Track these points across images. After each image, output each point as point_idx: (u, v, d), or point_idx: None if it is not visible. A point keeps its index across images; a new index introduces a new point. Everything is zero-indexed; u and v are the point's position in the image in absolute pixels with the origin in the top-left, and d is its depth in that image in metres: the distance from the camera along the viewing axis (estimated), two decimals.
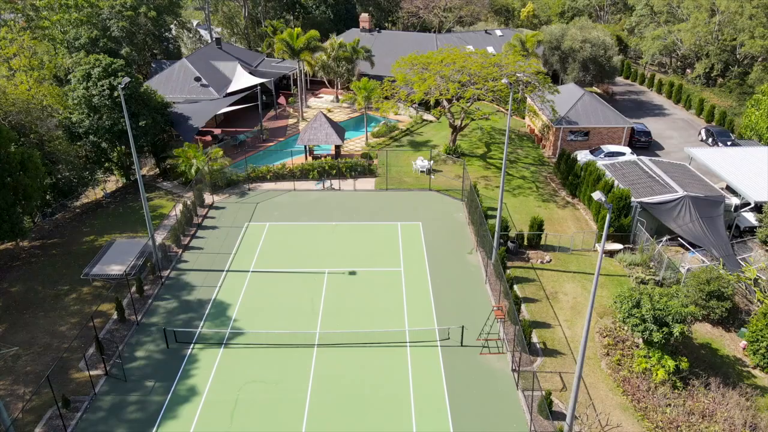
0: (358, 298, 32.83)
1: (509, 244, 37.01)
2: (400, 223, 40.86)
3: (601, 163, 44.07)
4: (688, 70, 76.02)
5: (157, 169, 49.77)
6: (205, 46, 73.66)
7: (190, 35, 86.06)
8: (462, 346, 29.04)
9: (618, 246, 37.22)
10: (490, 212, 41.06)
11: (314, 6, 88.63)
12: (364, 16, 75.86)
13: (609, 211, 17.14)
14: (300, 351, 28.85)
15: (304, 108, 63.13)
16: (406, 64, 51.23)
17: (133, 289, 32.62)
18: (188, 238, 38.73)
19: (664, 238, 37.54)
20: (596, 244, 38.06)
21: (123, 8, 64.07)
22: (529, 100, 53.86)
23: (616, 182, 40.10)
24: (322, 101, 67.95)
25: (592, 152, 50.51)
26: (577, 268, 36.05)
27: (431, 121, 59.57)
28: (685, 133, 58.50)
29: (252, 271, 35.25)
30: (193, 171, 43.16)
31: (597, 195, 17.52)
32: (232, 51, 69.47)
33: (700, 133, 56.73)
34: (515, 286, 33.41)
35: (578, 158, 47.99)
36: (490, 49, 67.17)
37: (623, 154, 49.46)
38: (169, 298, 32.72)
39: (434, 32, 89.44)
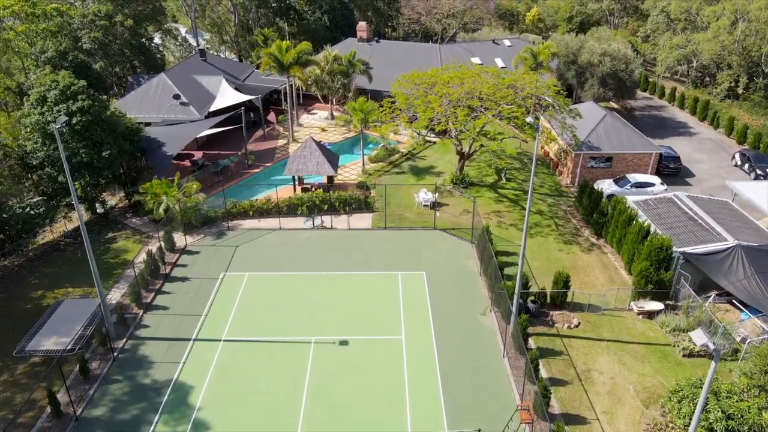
0: (350, 379, 27.08)
1: (529, 304, 31.33)
2: (401, 273, 35.16)
3: (631, 199, 38.36)
4: (707, 79, 70.26)
5: (127, 202, 44.06)
6: (190, 56, 67.83)
7: (177, 44, 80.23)
8: None
9: (658, 305, 31.47)
10: (504, 258, 35.47)
11: (309, 12, 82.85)
12: (361, 25, 69.79)
13: (716, 360, 11.50)
14: None
15: (295, 127, 57.41)
16: (407, 83, 45.47)
17: (77, 368, 26.90)
18: (152, 294, 33.00)
19: (712, 295, 31.88)
20: (631, 303, 32.34)
21: (96, 17, 58.34)
22: (544, 121, 48.11)
23: (652, 226, 34.39)
24: (316, 118, 62.22)
25: (616, 182, 44.80)
26: (611, 334, 30.33)
27: (435, 143, 53.88)
28: (715, 157, 52.77)
29: (224, 340, 29.55)
30: (161, 210, 37.43)
31: (699, 340, 12.05)
32: (217, 63, 63.75)
33: (733, 157, 50.99)
34: (540, 363, 27.66)
35: (602, 189, 42.40)
36: (499, 62, 61.59)
37: (653, 184, 43.79)
38: (121, 379, 26.98)
39: (437, 40, 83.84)
